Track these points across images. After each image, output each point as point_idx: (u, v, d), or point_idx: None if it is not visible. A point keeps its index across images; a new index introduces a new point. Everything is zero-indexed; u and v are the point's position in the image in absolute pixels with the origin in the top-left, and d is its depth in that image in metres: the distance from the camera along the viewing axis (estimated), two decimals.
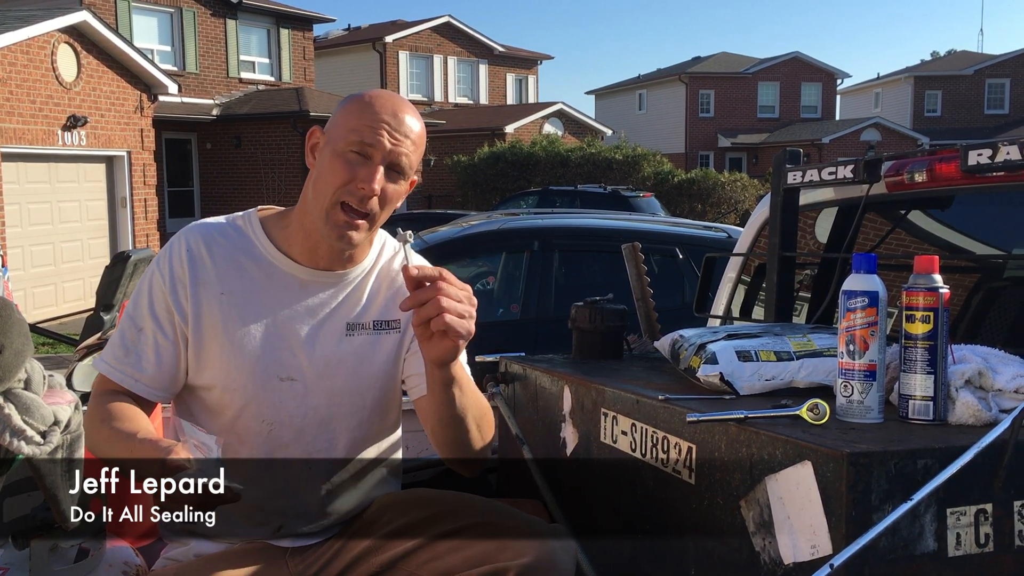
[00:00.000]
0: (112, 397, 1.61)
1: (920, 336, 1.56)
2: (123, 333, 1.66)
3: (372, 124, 1.59)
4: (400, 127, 1.60)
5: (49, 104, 11.78)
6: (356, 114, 1.61)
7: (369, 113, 1.60)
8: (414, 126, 1.63)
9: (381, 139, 1.58)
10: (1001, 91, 39.34)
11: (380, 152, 1.59)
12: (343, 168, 1.59)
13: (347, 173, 1.58)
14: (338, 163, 1.59)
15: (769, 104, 38.94)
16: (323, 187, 1.61)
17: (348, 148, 1.59)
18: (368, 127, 1.59)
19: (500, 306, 5.55)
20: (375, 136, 1.58)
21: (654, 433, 1.78)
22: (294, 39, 22.59)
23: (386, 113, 1.60)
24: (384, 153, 1.59)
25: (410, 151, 1.62)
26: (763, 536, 1.49)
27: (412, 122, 1.63)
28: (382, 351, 1.73)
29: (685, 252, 5.16)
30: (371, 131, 1.58)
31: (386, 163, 1.60)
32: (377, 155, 1.59)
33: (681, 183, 21.89)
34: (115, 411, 1.57)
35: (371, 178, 1.58)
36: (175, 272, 1.65)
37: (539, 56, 33.59)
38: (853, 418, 1.58)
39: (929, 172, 2.16)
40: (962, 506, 1.39)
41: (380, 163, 1.59)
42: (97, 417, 1.55)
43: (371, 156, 1.59)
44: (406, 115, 1.62)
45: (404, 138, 1.61)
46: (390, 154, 1.59)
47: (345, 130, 1.60)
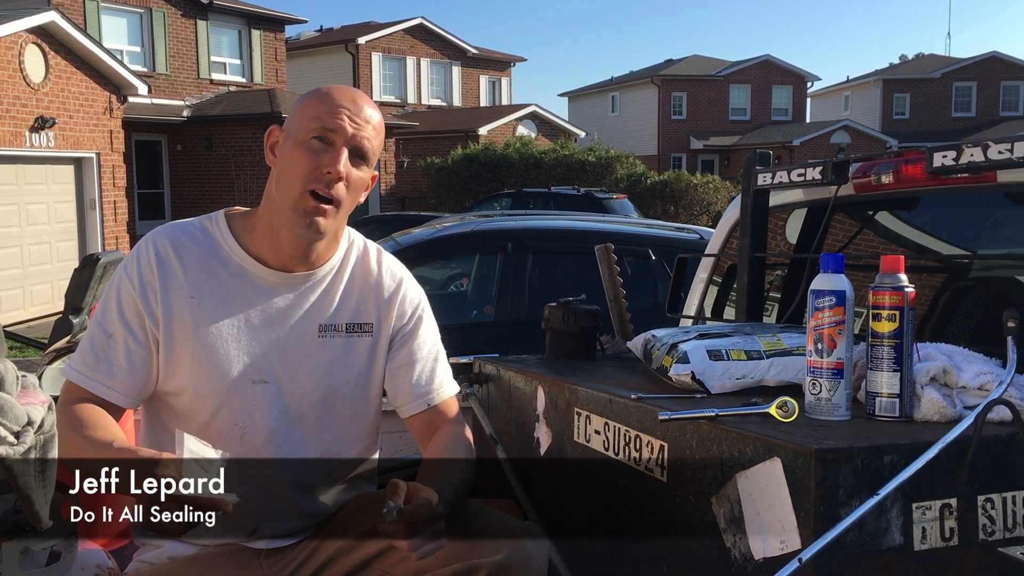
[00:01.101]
0: (81, 404, 1.59)
1: (886, 335, 1.59)
2: (92, 340, 1.64)
3: (332, 110, 1.60)
4: (360, 112, 1.62)
5: (16, 105, 11.62)
6: (315, 104, 1.62)
7: (328, 101, 1.62)
8: (372, 113, 1.65)
9: (342, 123, 1.60)
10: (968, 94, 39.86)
11: (342, 136, 1.60)
12: (306, 156, 1.60)
13: (311, 160, 1.59)
14: (301, 152, 1.60)
15: (741, 107, 39.19)
16: (289, 179, 1.61)
17: (309, 136, 1.60)
18: (328, 113, 1.60)
19: (474, 307, 5.56)
20: (335, 121, 1.60)
21: (627, 432, 1.80)
22: (266, 40, 22.44)
23: (345, 100, 1.62)
24: (346, 137, 1.60)
25: (371, 136, 1.63)
26: (734, 532, 1.50)
27: (370, 110, 1.65)
28: (355, 354, 1.73)
29: (657, 253, 5.18)
30: (331, 116, 1.60)
31: (349, 147, 1.61)
32: (339, 139, 1.60)
33: (654, 185, 21.98)
34: (86, 418, 1.55)
35: (336, 161, 1.59)
36: (144, 276, 1.64)
37: (512, 58, 33.59)
38: (821, 415, 1.60)
39: (895, 174, 2.20)
40: (927, 501, 1.41)
41: (343, 147, 1.60)
42: (67, 426, 1.52)
43: (333, 141, 1.60)
44: (364, 102, 1.65)
45: (364, 123, 1.62)
46: (352, 138, 1.61)
47: (305, 119, 1.61)
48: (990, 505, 1.46)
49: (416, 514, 1.40)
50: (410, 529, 1.41)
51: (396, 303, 1.77)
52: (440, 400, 1.78)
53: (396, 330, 1.77)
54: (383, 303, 1.76)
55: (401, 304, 1.78)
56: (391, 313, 1.76)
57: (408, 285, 1.80)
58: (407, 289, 1.79)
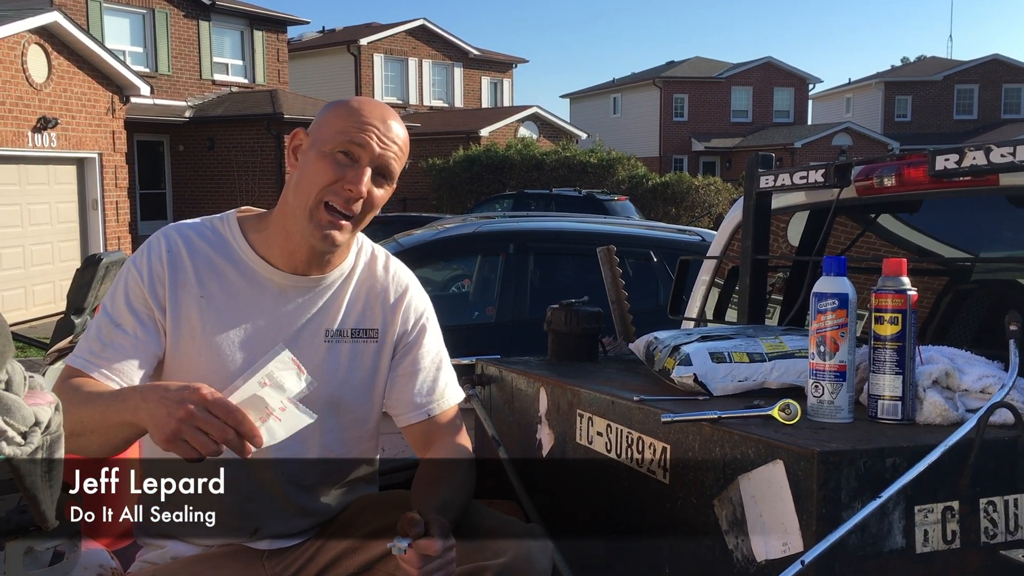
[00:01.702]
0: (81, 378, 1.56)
1: (889, 337, 1.59)
2: (99, 329, 1.62)
3: (361, 127, 1.59)
4: (388, 132, 1.61)
5: (19, 105, 11.63)
6: (344, 117, 1.61)
7: (358, 116, 1.61)
8: (400, 133, 1.64)
9: (370, 141, 1.59)
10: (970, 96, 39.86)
11: (369, 154, 1.59)
12: (330, 168, 1.59)
13: (334, 174, 1.58)
14: (324, 163, 1.59)
15: (742, 108, 39.20)
16: (307, 187, 1.60)
17: (336, 149, 1.59)
18: (357, 129, 1.59)
19: (476, 309, 5.56)
20: (364, 137, 1.59)
21: (629, 434, 1.80)
22: (268, 41, 22.45)
23: (375, 118, 1.61)
24: (373, 156, 1.59)
25: (396, 155, 1.63)
26: (736, 534, 1.51)
27: (399, 129, 1.64)
28: (361, 359, 1.73)
29: (659, 255, 5.19)
30: (359, 132, 1.59)
31: (374, 166, 1.60)
32: (365, 157, 1.59)
33: (655, 187, 21.98)
34: (84, 384, 1.53)
35: (359, 179, 1.58)
36: (154, 269, 1.63)
37: (514, 60, 33.61)
38: (824, 418, 1.60)
39: (898, 177, 2.20)
40: (930, 504, 1.42)
41: (368, 165, 1.59)
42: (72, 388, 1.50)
43: (359, 158, 1.59)
44: (393, 121, 1.64)
45: (392, 143, 1.62)
46: (379, 158, 1.60)
47: (332, 131, 1.60)
48: (992, 508, 1.46)
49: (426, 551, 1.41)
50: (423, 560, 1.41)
51: (401, 309, 1.77)
52: (440, 410, 1.78)
53: (400, 336, 1.77)
54: (389, 309, 1.76)
55: (406, 311, 1.77)
56: (396, 319, 1.76)
57: (414, 292, 1.80)
58: (413, 296, 1.79)
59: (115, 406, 1.43)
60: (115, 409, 1.43)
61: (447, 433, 1.76)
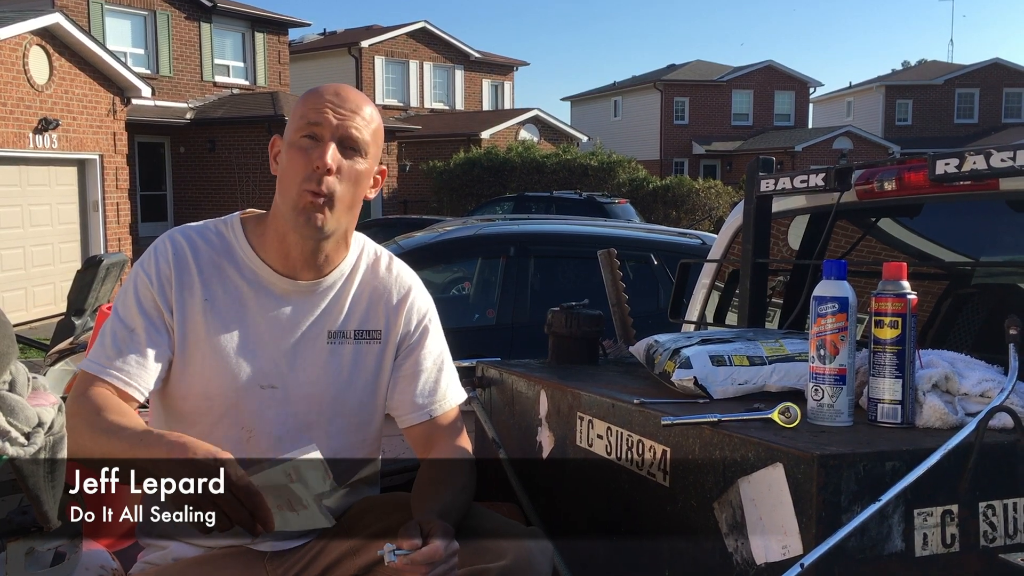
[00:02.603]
0: (96, 391, 1.55)
1: (889, 341, 1.59)
2: (113, 334, 1.62)
3: (316, 106, 1.61)
4: (344, 104, 1.62)
5: (20, 107, 11.64)
6: (301, 104, 1.64)
7: (312, 98, 1.63)
8: (361, 104, 1.65)
9: (326, 115, 1.60)
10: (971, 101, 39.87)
11: (327, 129, 1.60)
12: (298, 156, 1.60)
13: (303, 159, 1.60)
14: (293, 153, 1.61)
15: (743, 112, 39.20)
16: (287, 182, 1.62)
17: (299, 135, 1.61)
18: (312, 109, 1.61)
19: (476, 311, 5.56)
20: (320, 115, 1.60)
21: (629, 436, 1.80)
22: (269, 43, 22.47)
23: (327, 93, 1.63)
24: (331, 128, 1.60)
25: (359, 125, 1.62)
26: (736, 537, 1.51)
27: (358, 100, 1.65)
28: (363, 361, 1.73)
29: (660, 258, 5.19)
30: (315, 111, 1.61)
31: (336, 139, 1.60)
32: (325, 132, 1.60)
33: (656, 190, 21.99)
34: (104, 404, 1.52)
35: (323, 154, 1.59)
36: (162, 272, 1.64)
37: (515, 62, 33.62)
38: (823, 421, 1.61)
39: (898, 181, 2.20)
40: (929, 507, 1.42)
41: (330, 139, 1.60)
42: (77, 415, 1.50)
43: (320, 135, 1.60)
44: (349, 94, 1.64)
45: (351, 113, 1.62)
46: (338, 129, 1.60)
47: (294, 121, 1.63)
48: (991, 512, 1.46)
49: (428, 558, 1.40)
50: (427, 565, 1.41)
51: (404, 311, 1.77)
52: (440, 412, 1.78)
53: (402, 338, 1.77)
54: (391, 310, 1.76)
55: (409, 312, 1.77)
56: (399, 320, 1.76)
57: (417, 293, 1.80)
58: (416, 297, 1.79)
59: (139, 449, 1.43)
60: (139, 452, 1.43)
61: (448, 435, 1.77)
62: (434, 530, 1.42)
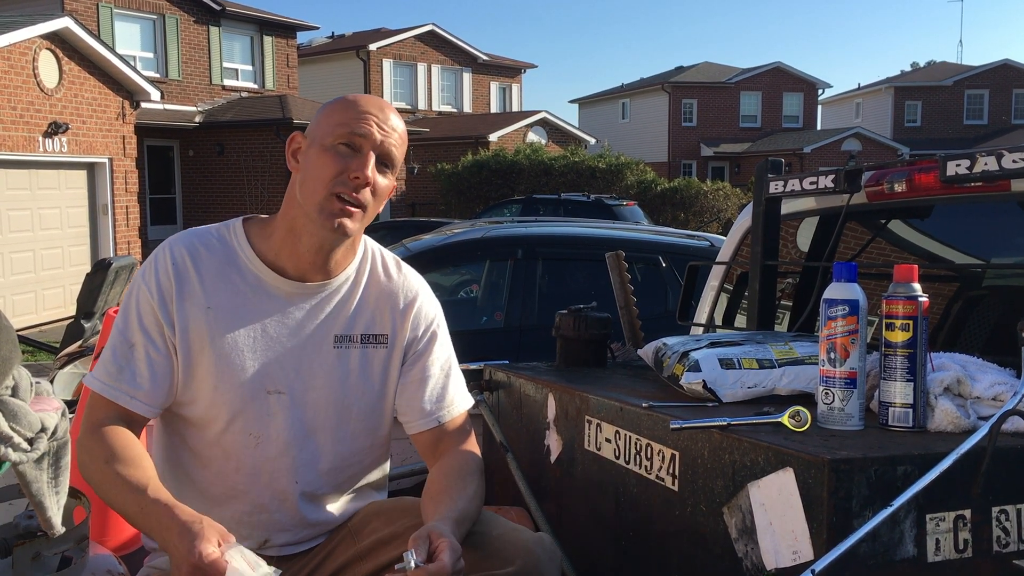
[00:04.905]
0: (110, 430, 1.55)
1: (900, 344, 1.58)
2: (114, 350, 1.62)
3: (360, 117, 1.60)
4: (387, 121, 1.62)
5: (30, 110, 11.69)
6: (342, 110, 1.62)
7: (356, 108, 1.62)
8: (398, 122, 1.65)
9: (371, 129, 1.59)
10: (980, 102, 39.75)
11: (370, 142, 1.60)
12: (334, 160, 1.59)
13: (339, 164, 1.58)
14: (328, 157, 1.59)
15: (751, 113, 39.15)
16: (314, 183, 1.60)
17: (337, 141, 1.59)
18: (356, 120, 1.60)
19: (484, 314, 5.55)
20: (364, 127, 1.59)
21: (638, 440, 1.79)
22: (277, 46, 22.54)
23: (373, 107, 1.62)
24: (374, 143, 1.60)
25: (397, 144, 1.64)
26: (745, 542, 1.50)
27: (396, 119, 1.65)
28: (370, 365, 1.72)
29: (668, 261, 5.18)
30: (359, 122, 1.59)
31: (376, 153, 1.60)
32: (367, 145, 1.59)
33: (664, 192, 21.97)
34: (118, 451, 1.52)
35: (364, 166, 1.58)
36: (162, 284, 1.63)
37: (523, 65, 33.65)
38: (834, 425, 1.59)
39: (908, 182, 2.19)
40: (941, 512, 1.40)
41: (371, 152, 1.60)
42: (100, 456, 1.51)
43: (361, 147, 1.59)
44: (390, 111, 1.65)
45: (391, 131, 1.62)
46: (380, 145, 1.60)
47: (332, 125, 1.61)
48: (1004, 516, 1.44)
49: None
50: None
51: (411, 316, 1.75)
52: (449, 418, 1.76)
53: (410, 343, 1.76)
54: (398, 315, 1.75)
55: (416, 317, 1.76)
56: (406, 325, 1.75)
57: (424, 298, 1.78)
58: (423, 303, 1.78)
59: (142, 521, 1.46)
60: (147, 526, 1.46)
61: (457, 441, 1.75)
62: (442, 547, 1.40)
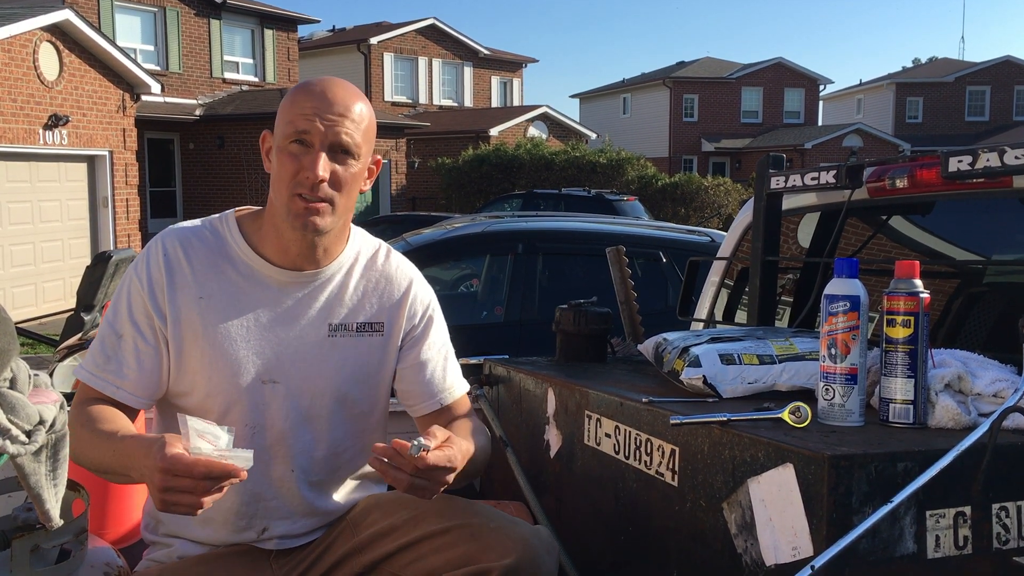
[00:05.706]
0: (93, 403, 1.60)
1: (901, 340, 1.57)
2: (103, 340, 1.63)
3: (303, 112, 1.58)
4: (331, 108, 1.58)
5: (31, 103, 11.69)
6: (289, 107, 1.61)
7: (299, 102, 1.59)
8: (350, 103, 1.61)
9: (314, 123, 1.57)
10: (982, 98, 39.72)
11: (317, 137, 1.57)
12: (288, 162, 1.58)
13: (293, 165, 1.58)
14: (283, 158, 1.59)
15: (752, 109, 39.13)
16: (279, 185, 1.60)
17: (287, 141, 1.58)
18: (300, 115, 1.58)
19: (484, 309, 5.56)
20: (308, 123, 1.57)
21: (637, 435, 1.79)
22: (278, 40, 22.51)
23: (315, 99, 1.59)
24: (321, 137, 1.57)
25: (350, 129, 1.59)
26: (745, 538, 1.50)
27: (347, 100, 1.60)
28: (365, 353, 1.73)
29: (669, 256, 5.18)
30: (303, 119, 1.57)
31: (326, 146, 1.58)
32: (315, 140, 1.57)
33: (665, 187, 21.95)
34: (95, 414, 1.56)
35: (313, 165, 1.56)
36: (153, 276, 1.63)
37: (524, 59, 33.62)
38: (834, 421, 1.59)
39: (910, 178, 2.18)
40: (941, 509, 1.40)
41: (320, 148, 1.57)
42: (78, 423, 1.53)
43: (310, 143, 1.58)
44: (338, 94, 1.60)
45: (339, 117, 1.58)
46: (327, 136, 1.57)
47: (282, 124, 1.60)
48: (1005, 513, 1.44)
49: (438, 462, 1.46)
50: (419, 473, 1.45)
51: (407, 304, 1.76)
52: (452, 399, 1.79)
53: (407, 331, 1.77)
54: (393, 304, 1.75)
55: (412, 305, 1.77)
56: (402, 314, 1.76)
57: (418, 286, 1.80)
58: (417, 290, 1.79)
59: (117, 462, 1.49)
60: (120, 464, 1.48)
61: (463, 419, 1.78)
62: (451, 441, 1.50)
